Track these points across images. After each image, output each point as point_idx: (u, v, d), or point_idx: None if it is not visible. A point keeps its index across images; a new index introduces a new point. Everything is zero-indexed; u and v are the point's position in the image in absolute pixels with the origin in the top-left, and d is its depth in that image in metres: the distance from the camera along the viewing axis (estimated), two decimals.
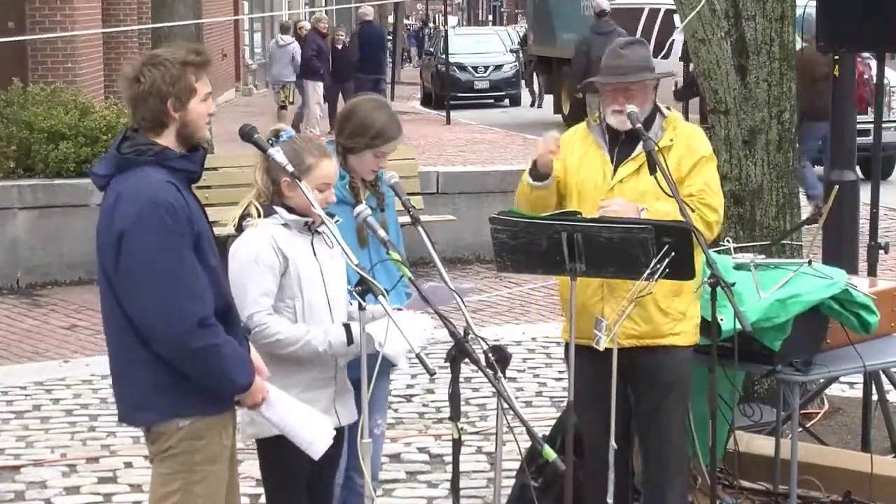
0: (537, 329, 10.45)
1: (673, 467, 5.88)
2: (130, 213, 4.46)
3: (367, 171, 5.53)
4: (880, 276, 8.38)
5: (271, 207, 5.08)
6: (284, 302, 5.04)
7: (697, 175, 5.79)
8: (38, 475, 7.42)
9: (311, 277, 5.06)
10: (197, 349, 4.46)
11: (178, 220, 4.46)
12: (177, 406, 4.57)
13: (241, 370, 4.58)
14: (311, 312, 5.07)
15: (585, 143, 5.90)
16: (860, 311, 6.18)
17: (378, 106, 5.64)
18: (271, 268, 5.00)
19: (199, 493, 4.63)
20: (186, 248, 4.47)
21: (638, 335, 5.73)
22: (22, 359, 10.00)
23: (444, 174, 14.07)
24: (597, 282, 5.68)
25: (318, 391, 5.08)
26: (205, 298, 4.49)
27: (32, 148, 12.70)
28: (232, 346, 4.55)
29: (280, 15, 33.94)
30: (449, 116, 25.05)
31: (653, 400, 5.82)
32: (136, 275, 4.47)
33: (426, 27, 54.95)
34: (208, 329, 4.48)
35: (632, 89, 5.75)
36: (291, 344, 5.00)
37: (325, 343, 5.02)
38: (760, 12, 7.71)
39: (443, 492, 7.10)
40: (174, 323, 4.44)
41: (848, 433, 7.69)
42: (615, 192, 5.75)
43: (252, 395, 4.66)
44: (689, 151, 5.80)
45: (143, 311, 4.48)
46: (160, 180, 4.49)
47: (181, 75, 4.54)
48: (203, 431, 4.61)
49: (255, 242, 5.02)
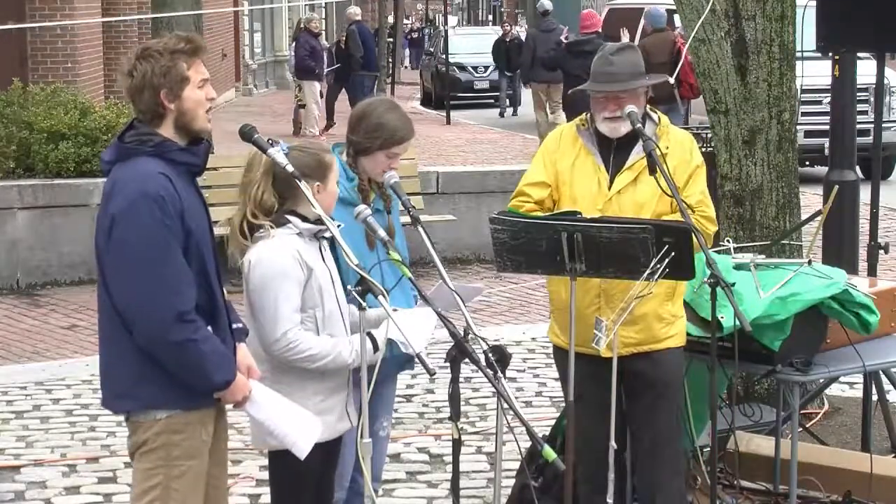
0: (537, 329, 10.44)
1: (667, 467, 5.88)
2: (122, 201, 4.50)
3: (378, 172, 5.52)
4: (880, 276, 8.39)
5: (284, 217, 5.03)
6: (306, 312, 5.00)
7: (694, 185, 5.79)
8: (38, 475, 7.42)
9: (327, 285, 5.05)
10: (173, 342, 4.48)
11: (166, 212, 4.48)
12: (156, 398, 4.60)
13: (219, 368, 4.58)
14: (330, 321, 5.05)
15: (575, 147, 5.83)
16: (860, 311, 6.18)
17: (391, 107, 5.64)
18: (298, 281, 4.95)
19: (178, 488, 4.65)
20: (173, 241, 4.49)
21: (636, 343, 5.74)
22: (22, 359, 10.00)
23: (444, 174, 14.07)
24: (594, 291, 5.67)
25: (336, 397, 5.08)
26: (184, 293, 4.50)
27: (32, 148, 12.71)
28: (211, 344, 4.56)
29: (280, 8, 33.88)
30: (449, 116, 25.05)
31: (646, 400, 5.82)
32: (120, 262, 4.52)
33: (425, 28, 54.90)
34: (186, 324, 4.49)
35: (622, 97, 5.69)
36: (323, 358, 4.97)
37: (354, 353, 4.99)
38: (760, 12, 7.71)
39: (443, 492, 7.10)
40: (151, 314, 4.47)
41: (848, 433, 7.70)
42: (613, 203, 5.72)
43: (232, 394, 4.67)
44: (684, 160, 5.77)
45: (123, 298, 4.53)
46: (153, 171, 4.51)
47: (171, 65, 4.56)
48: (182, 426, 4.62)
49: (280, 256, 4.95)
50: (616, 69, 5.71)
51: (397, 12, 41.65)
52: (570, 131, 5.90)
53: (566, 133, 5.92)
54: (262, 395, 4.79)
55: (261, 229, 4.99)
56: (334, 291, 5.07)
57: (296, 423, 4.84)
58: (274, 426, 4.83)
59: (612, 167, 5.75)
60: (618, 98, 5.69)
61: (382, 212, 5.55)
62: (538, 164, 5.90)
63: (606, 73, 5.73)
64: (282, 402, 4.85)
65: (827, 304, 6.13)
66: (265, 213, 4.99)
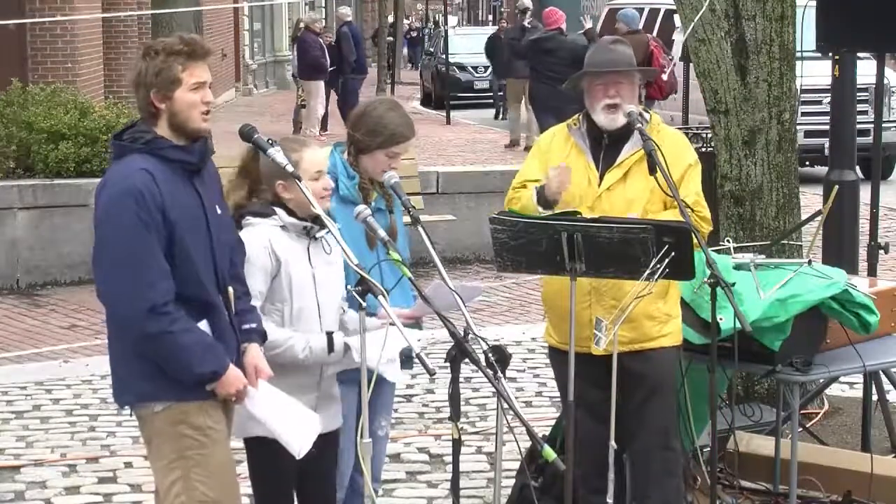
0: (537, 329, 10.42)
1: (660, 466, 5.88)
2: (104, 198, 4.61)
3: (379, 171, 5.52)
4: (880, 276, 8.39)
5: (271, 208, 5.10)
6: (274, 305, 5.07)
7: (688, 185, 5.81)
8: (38, 475, 7.42)
9: (302, 283, 5.08)
10: (150, 335, 4.55)
11: (143, 206, 4.53)
12: (152, 389, 4.66)
13: (202, 359, 4.61)
14: (299, 318, 5.09)
15: (567, 147, 5.88)
16: (860, 311, 6.18)
17: (392, 107, 5.66)
18: (262, 269, 5.03)
19: (198, 478, 4.68)
20: (149, 235, 4.54)
21: (627, 341, 5.74)
22: (22, 359, 10.00)
23: (444, 174, 14.06)
24: (584, 288, 5.68)
25: (300, 396, 5.06)
26: (158, 285, 4.54)
27: (32, 148, 12.70)
28: (193, 336, 4.60)
29: (280, 8, 33.88)
30: (449, 116, 25.03)
31: (639, 400, 5.83)
32: (100, 257, 4.62)
33: (425, 28, 54.86)
34: (161, 316, 4.54)
35: (622, 82, 5.75)
36: (273, 348, 5.02)
37: (306, 350, 5.06)
38: (760, 12, 7.71)
39: (443, 492, 7.10)
40: (126, 307, 4.56)
41: (848, 433, 7.69)
42: (603, 199, 5.74)
43: (224, 386, 4.68)
44: (675, 159, 5.77)
45: (104, 293, 4.63)
46: (135, 167, 4.57)
47: (164, 67, 4.60)
48: (181, 416, 4.67)
49: (250, 243, 5.04)
50: (615, 56, 5.82)
51: (397, 12, 41.62)
52: (562, 131, 5.96)
53: (559, 132, 5.98)
54: (263, 393, 4.79)
55: (245, 218, 5.09)
56: (314, 291, 5.09)
57: (294, 423, 4.85)
58: (271, 424, 4.85)
59: (602, 164, 5.79)
60: (617, 84, 5.74)
61: (384, 211, 5.56)
62: (532, 161, 5.96)
63: (606, 59, 5.81)
64: (283, 401, 4.86)
65: (827, 305, 6.13)
66: (234, 209, 5.09)
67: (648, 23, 20.99)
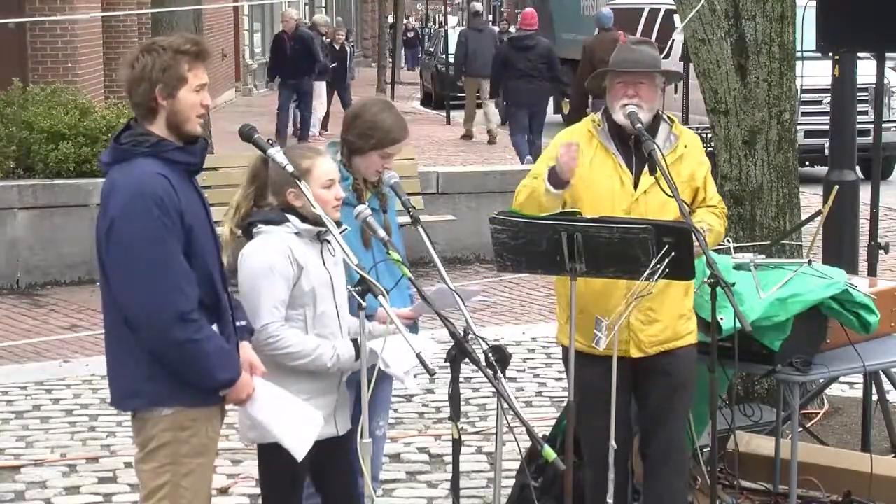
0: (537, 329, 10.45)
1: (674, 468, 5.88)
2: (120, 202, 4.52)
3: (372, 172, 5.53)
4: (880, 276, 8.39)
5: (283, 215, 5.07)
6: (296, 311, 5.04)
7: (710, 186, 5.93)
8: (38, 475, 7.41)
9: (322, 287, 5.07)
10: (176, 342, 4.49)
11: (165, 211, 4.49)
12: (162, 395, 4.61)
13: (223, 366, 4.60)
14: (322, 322, 5.08)
15: (591, 146, 5.81)
16: (860, 311, 6.18)
17: (385, 107, 5.65)
18: (285, 277, 5.00)
19: (187, 486, 4.66)
20: (173, 241, 4.50)
21: (663, 341, 5.74)
22: (22, 359, 9.99)
23: (444, 174, 14.05)
24: (598, 286, 5.66)
25: (322, 399, 5.08)
26: (187, 292, 4.51)
27: (32, 148, 12.69)
28: (215, 342, 4.58)
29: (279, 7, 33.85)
30: (449, 116, 25.05)
31: (662, 400, 5.82)
32: (121, 264, 4.53)
33: (424, 28, 54.80)
34: (189, 323, 4.50)
35: (643, 83, 5.73)
36: (302, 357, 5.01)
37: (335, 358, 5.04)
38: (760, 12, 7.71)
39: (443, 492, 7.10)
40: (154, 315, 4.49)
41: (848, 433, 7.69)
42: (640, 202, 5.72)
43: (236, 392, 4.68)
44: (699, 162, 5.89)
45: (126, 300, 4.55)
46: (151, 172, 4.52)
47: (172, 63, 4.57)
48: (187, 422, 4.63)
49: (270, 251, 5.01)
50: (638, 57, 5.78)
51: (397, 12, 41.59)
52: (582, 130, 5.88)
53: (577, 132, 5.88)
54: (263, 393, 4.79)
55: (256, 226, 5.05)
56: (333, 294, 5.09)
57: (294, 423, 4.84)
58: (273, 426, 4.83)
59: (636, 166, 5.76)
60: (638, 84, 5.72)
61: (378, 211, 5.55)
62: (551, 158, 5.73)
63: (629, 59, 5.78)
64: (283, 400, 4.85)
65: (827, 305, 6.13)
66: (241, 219, 5.08)
67: (648, 23, 21.03)
